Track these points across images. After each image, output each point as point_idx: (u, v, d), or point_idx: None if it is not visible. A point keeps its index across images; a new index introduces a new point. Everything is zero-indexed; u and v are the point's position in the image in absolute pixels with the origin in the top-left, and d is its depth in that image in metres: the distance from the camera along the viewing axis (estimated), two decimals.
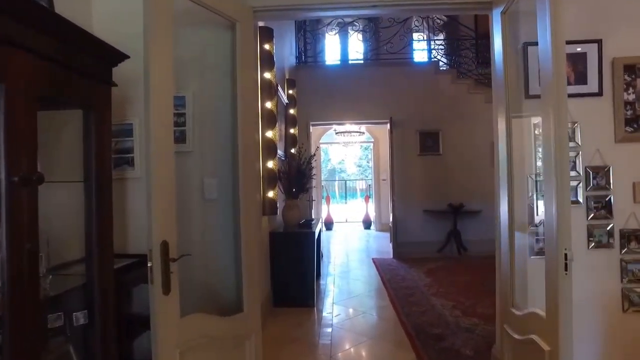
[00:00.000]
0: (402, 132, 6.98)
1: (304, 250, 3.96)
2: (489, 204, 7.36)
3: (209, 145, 2.34)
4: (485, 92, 7.06)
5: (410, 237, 6.95)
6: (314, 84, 6.96)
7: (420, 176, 7.04)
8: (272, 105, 3.77)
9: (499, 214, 2.44)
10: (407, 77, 7.04)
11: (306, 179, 4.59)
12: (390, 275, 5.27)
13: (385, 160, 10.04)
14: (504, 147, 2.26)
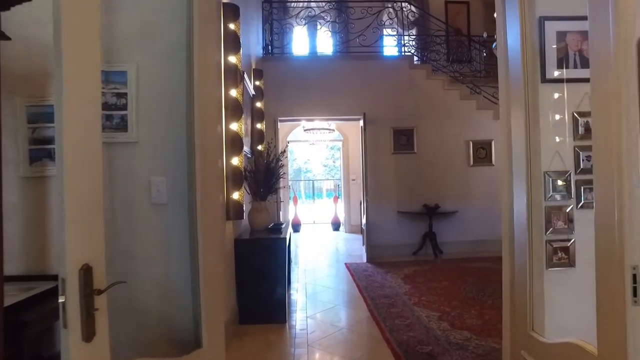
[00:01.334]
0: (375, 129, 6.64)
1: (274, 258, 3.49)
2: (464, 204, 7.20)
3: (159, 136, 1.84)
4: (461, 88, 6.86)
5: (384, 239, 6.62)
6: (282, 77, 6.49)
7: (394, 175, 6.73)
8: (238, 94, 3.29)
9: (509, 217, 2.09)
10: (380, 71, 6.71)
11: (275, 179, 4.13)
12: (367, 282, 4.88)
13: (355, 160, 9.71)
14: (523, 138, 1.90)
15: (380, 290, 4.53)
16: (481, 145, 6.85)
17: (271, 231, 3.89)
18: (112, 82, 1.72)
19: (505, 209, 2.12)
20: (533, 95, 2.00)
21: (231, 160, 3.15)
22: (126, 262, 1.72)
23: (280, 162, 4.12)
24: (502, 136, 2.12)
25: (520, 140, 1.95)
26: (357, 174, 9.66)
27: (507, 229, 2.09)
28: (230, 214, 3.12)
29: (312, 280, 5.15)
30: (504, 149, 2.14)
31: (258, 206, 3.99)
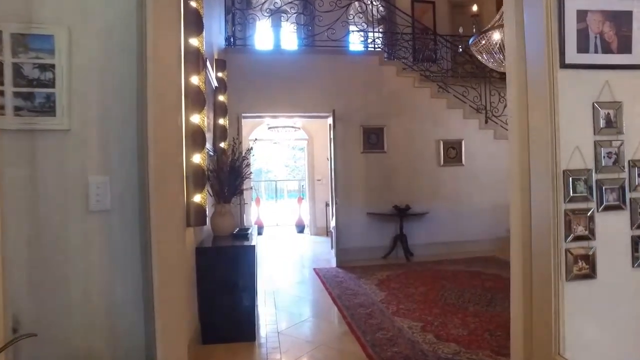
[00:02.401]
0: (344, 127, 6.35)
1: (241, 269, 3.09)
2: (435, 205, 7.05)
3: (101, 123, 1.43)
4: (431, 86, 6.70)
5: (353, 242, 6.35)
6: (245, 71, 6.07)
7: (363, 175, 6.47)
8: (200, 82, 2.87)
9: (522, 222, 1.82)
10: (350, 67, 6.43)
11: (241, 179, 3.72)
12: (340, 289, 4.56)
13: (320, 160, 9.41)
14: (545, 132, 1.63)
15: (355, 298, 4.22)
16: (451, 145, 6.73)
17: (237, 238, 3.48)
18: (31, 48, 1.29)
19: (518, 213, 1.85)
20: (546, 84, 1.74)
21: (192, 157, 2.73)
22: (56, 289, 1.29)
23: (246, 160, 3.72)
24: (516, 130, 1.85)
25: (541, 134, 1.68)
26: (323, 174, 9.37)
27: (520, 235, 1.82)
28: (191, 219, 2.70)
29: (281, 289, 4.77)
30: (515, 145, 1.86)
31: (222, 210, 3.57)
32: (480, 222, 6.75)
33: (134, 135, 1.40)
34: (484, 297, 4.11)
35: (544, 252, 1.67)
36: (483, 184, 6.78)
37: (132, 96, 1.45)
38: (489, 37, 4.56)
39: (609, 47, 1.78)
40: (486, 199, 6.78)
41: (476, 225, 6.74)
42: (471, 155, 6.76)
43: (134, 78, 1.43)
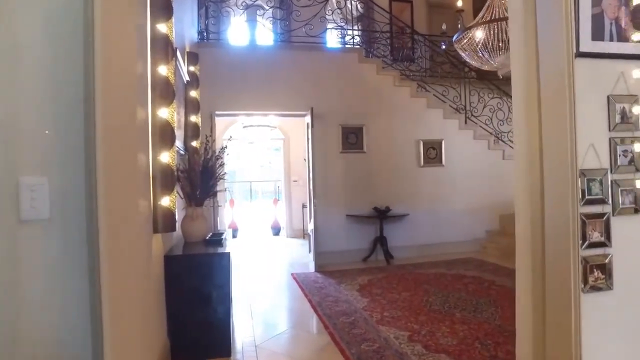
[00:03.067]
0: (323, 127, 6.14)
1: (215, 278, 2.82)
2: (415, 207, 6.93)
3: (35, 110, 1.15)
4: (411, 85, 6.58)
5: (332, 245, 6.14)
6: (219, 67, 5.78)
7: (342, 176, 6.27)
8: (170, 72, 2.59)
9: (533, 226, 1.64)
10: (328, 64, 6.23)
11: (214, 180, 3.45)
12: (320, 296, 4.34)
13: (296, 160, 9.17)
14: (562, 127, 1.45)
15: (336, 305, 4.00)
16: (431, 145, 6.62)
17: (210, 244, 3.21)
18: None
19: (526, 217, 1.67)
20: (559, 74, 1.57)
21: (160, 156, 2.45)
22: None
23: (220, 160, 3.44)
24: (523, 129, 1.66)
25: (557, 131, 1.50)
26: (299, 175, 9.14)
27: (530, 242, 1.64)
28: (158, 225, 2.41)
29: (257, 297, 4.51)
30: (522, 144, 1.68)
31: (193, 213, 3.29)
32: (459, 224, 6.66)
33: (80, 128, 1.13)
34: (469, 302, 3.97)
35: (560, 261, 1.48)
36: (462, 185, 6.70)
37: (79, 85, 1.19)
38: (472, 35, 4.44)
39: (625, 35, 1.63)
40: (465, 200, 6.70)
41: (455, 227, 6.65)
42: (451, 156, 6.66)
43: (81, 56, 1.16)
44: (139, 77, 2.07)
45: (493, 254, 6.32)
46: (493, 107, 7.17)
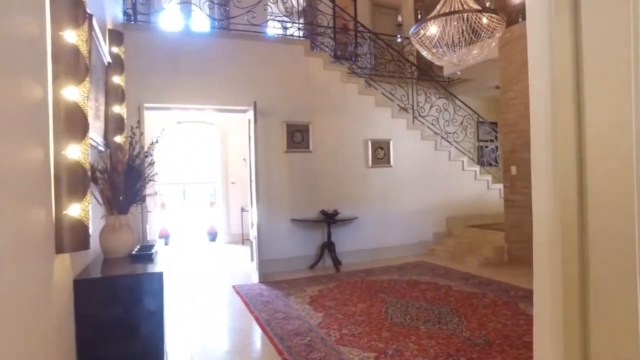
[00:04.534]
0: (266, 124, 5.65)
1: (145, 304, 2.25)
2: (364, 209, 6.62)
3: None
4: (359, 82, 6.29)
5: (277, 253, 5.67)
6: (149, 53, 5.08)
7: (287, 177, 5.82)
8: (80, 41, 1.98)
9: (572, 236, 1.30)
10: (272, 56, 5.74)
11: (143, 182, 2.85)
12: (268, 313, 3.85)
13: (235, 161, 8.57)
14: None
15: (288, 323, 3.54)
16: (380, 145, 6.38)
17: (137, 260, 2.60)
18: None
19: (551, 227, 1.33)
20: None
21: (66, 150, 1.84)
22: None
23: (149, 158, 2.85)
24: (545, 101, 1.32)
25: (616, 99, 1.14)
26: (237, 176, 8.55)
27: (557, 259, 1.30)
28: (64, 242, 1.81)
29: (194, 317, 3.92)
30: (543, 122, 1.34)
31: (116, 223, 2.67)
32: (407, 226, 6.50)
33: None
34: (431, 311, 3.70)
35: (616, 292, 1.14)
36: (410, 186, 6.54)
37: None
38: (425, 31, 4.20)
39: None
40: (413, 202, 6.55)
41: (404, 230, 6.47)
42: (399, 156, 6.47)
43: None
44: (29, 40, 1.49)
45: (442, 257, 6.21)
46: (439, 108, 7.11)
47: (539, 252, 1.41)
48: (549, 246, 1.34)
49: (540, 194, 1.38)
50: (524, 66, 5.18)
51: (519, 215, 5.65)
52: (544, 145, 1.36)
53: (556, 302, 1.30)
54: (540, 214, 1.40)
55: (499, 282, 4.63)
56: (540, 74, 1.36)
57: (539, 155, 1.40)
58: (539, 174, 1.39)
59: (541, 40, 1.34)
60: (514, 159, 5.68)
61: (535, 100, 1.40)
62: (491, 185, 7.23)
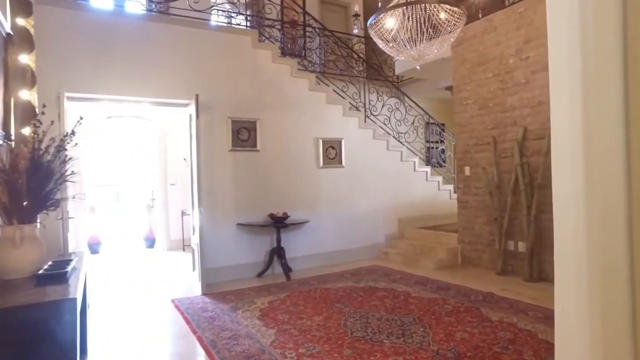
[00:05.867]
0: (209, 119, 5.15)
1: (52, 340, 1.74)
2: (315, 212, 6.26)
3: None
4: (310, 78, 5.96)
5: (221, 260, 5.19)
6: (73, 33, 4.42)
7: (232, 179, 5.35)
8: None
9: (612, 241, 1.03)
10: (217, 45, 5.26)
11: (56, 184, 2.31)
12: (213, 331, 3.39)
13: (174, 160, 7.91)
14: None
15: (236, 344, 3.11)
16: (331, 144, 6.08)
17: (45, 281, 2.07)
18: None
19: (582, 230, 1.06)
20: None
21: None
22: None
23: (64, 152, 2.32)
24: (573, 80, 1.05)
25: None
26: (177, 177, 7.90)
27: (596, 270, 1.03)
28: None
29: (123, 342, 3.36)
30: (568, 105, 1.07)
31: (16, 235, 2.12)
32: (359, 229, 6.26)
33: None
34: (393, 322, 3.43)
35: None
36: (362, 187, 6.31)
37: None
38: (384, 22, 3.95)
39: None
40: (365, 204, 6.33)
41: (356, 233, 6.23)
42: (351, 155, 6.22)
43: None
44: None
45: (395, 260, 6.02)
46: (391, 107, 6.96)
47: (565, 267, 1.12)
48: (583, 260, 1.06)
49: (568, 196, 1.10)
50: (477, 66, 5.09)
51: (471, 217, 5.59)
52: (573, 138, 1.08)
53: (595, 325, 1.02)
54: (567, 221, 1.11)
55: (457, 286, 4.48)
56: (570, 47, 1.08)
57: (564, 149, 1.12)
58: (565, 170, 1.11)
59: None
60: (467, 159, 5.62)
61: (561, 79, 1.13)
62: (442, 186, 7.20)
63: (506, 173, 5.07)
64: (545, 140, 4.56)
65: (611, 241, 1.01)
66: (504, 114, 5.10)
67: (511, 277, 4.84)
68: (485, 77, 5.29)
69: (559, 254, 1.15)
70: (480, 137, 5.41)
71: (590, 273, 1.05)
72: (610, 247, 1.01)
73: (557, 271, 1.16)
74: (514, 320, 3.38)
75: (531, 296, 4.07)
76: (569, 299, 1.10)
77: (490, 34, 5.22)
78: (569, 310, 1.10)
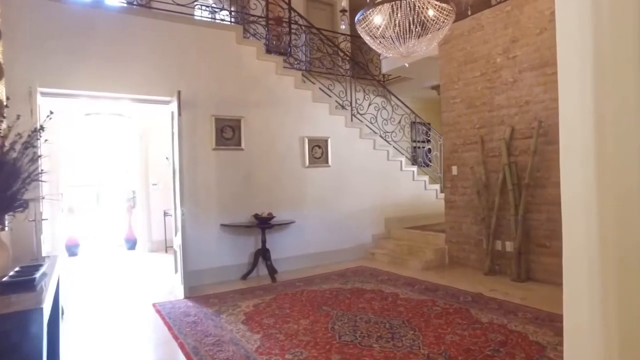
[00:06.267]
0: (192, 117, 5.00)
1: (16, 356, 1.59)
2: (301, 212, 6.14)
3: None
4: (296, 75, 5.84)
5: (205, 262, 5.05)
6: (48, 24, 4.22)
7: (215, 178, 5.20)
8: None
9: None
10: (200, 41, 5.10)
11: (24, 183, 2.15)
12: (195, 337, 3.25)
13: (157, 159, 7.71)
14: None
15: (220, 350, 2.98)
16: (317, 143, 5.98)
17: (10, 289, 1.90)
18: None
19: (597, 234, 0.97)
20: None
21: None
22: None
23: (32, 149, 2.16)
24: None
25: None
26: (159, 177, 7.70)
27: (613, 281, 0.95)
28: None
29: (100, 347, 3.20)
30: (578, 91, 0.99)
31: None
32: (346, 229, 6.17)
33: None
34: (382, 325, 3.35)
35: None
36: (349, 187, 6.22)
37: None
38: (372, 18, 3.86)
39: None
40: (351, 204, 6.24)
41: (343, 233, 6.14)
42: (338, 155, 6.12)
43: None
44: None
45: (382, 260, 5.95)
46: (378, 106, 6.89)
47: (576, 269, 1.04)
48: (594, 262, 0.97)
49: (579, 196, 1.02)
50: (465, 64, 5.04)
51: (458, 217, 5.55)
52: (585, 135, 1.00)
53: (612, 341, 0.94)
54: (578, 221, 1.03)
55: (445, 287, 4.43)
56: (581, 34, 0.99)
57: (575, 147, 1.03)
58: (575, 169, 1.03)
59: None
60: (455, 158, 5.58)
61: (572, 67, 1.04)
62: (428, 186, 7.16)
63: (494, 172, 5.04)
64: (533, 139, 4.54)
65: (628, 240, 0.92)
66: (491, 113, 5.06)
67: (499, 277, 4.81)
68: (473, 76, 5.25)
69: (568, 258, 1.06)
70: (467, 136, 5.38)
71: (603, 276, 0.96)
72: (627, 247, 0.92)
73: (566, 275, 1.07)
74: (504, 322, 3.32)
75: (519, 296, 4.03)
76: (580, 305, 1.02)
77: (477, 33, 5.19)
78: (580, 319, 1.02)
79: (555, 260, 4.43)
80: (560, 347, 2.82)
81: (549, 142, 4.46)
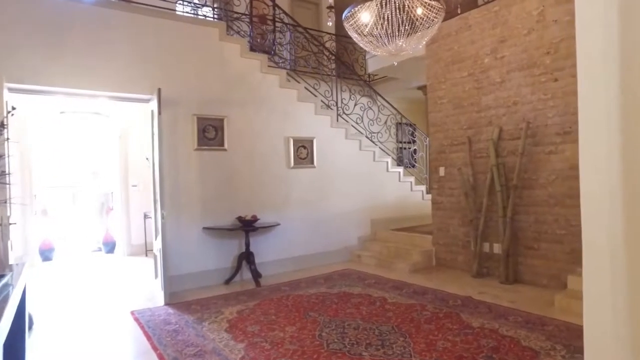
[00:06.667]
0: (173, 116, 4.82)
1: None
2: (285, 214, 6.00)
3: None
4: (281, 74, 5.70)
5: (186, 267, 4.87)
6: (18, 15, 3.99)
7: (197, 179, 5.03)
8: None
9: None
10: (182, 37, 4.92)
11: None
12: (175, 348, 3.08)
13: (136, 160, 7.47)
14: None
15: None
16: (302, 144, 5.85)
17: None
18: None
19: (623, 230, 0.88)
20: None
21: None
22: None
23: None
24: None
25: None
26: (139, 178, 7.45)
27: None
28: None
29: (70, 358, 3.01)
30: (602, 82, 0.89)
31: None
32: (332, 231, 6.06)
33: None
34: (371, 332, 3.23)
35: None
36: (334, 188, 6.11)
37: None
38: (360, 14, 3.75)
39: None
40: (337, 206, 6.13)
41: (328, 235, 6.02)
42: (323, 155, 6.01)
43: None
44: None
45: (369, 263, 5.85)
46: (364, 106, 6.80)
47: (598, 273, 0.94)
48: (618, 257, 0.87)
49: (602, 194, 0.92)
50: (452, 64, 4.97)
51: (445, 218, 5.50)
52: (609, 134, 0.90)
53: None
54: (600, 220, 0.93)
55: (434, 290, 4.35)
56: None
57: (598, 145, 0.93)
58: (598, 167, 0.93)
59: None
60: (442, 159, 5.52)
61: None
62: (414, 187, 7.10)
63: (481, 174, 4.99)
64: (521, 140, 4.50)
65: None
66: (479, 114, 5.02)
67: (487, 280, 4.76)
68: (460, 76, 5.20)
69: (589, 262, 0.96)
70: (455, 137, 5.32)
71: (628, 277, 0.86)
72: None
73: (586, 280, 0.97)
74: (495, 326, 3.25)
75: (509, 299, 3.98)
76: (602, 311, 0.92)
77: (465, 33, 5.14)
78: (603, 328, 0.91)
79: (543, 262, 4.39)
80: (552, 352, 2.76)
81: (536, 144, 4.43)
